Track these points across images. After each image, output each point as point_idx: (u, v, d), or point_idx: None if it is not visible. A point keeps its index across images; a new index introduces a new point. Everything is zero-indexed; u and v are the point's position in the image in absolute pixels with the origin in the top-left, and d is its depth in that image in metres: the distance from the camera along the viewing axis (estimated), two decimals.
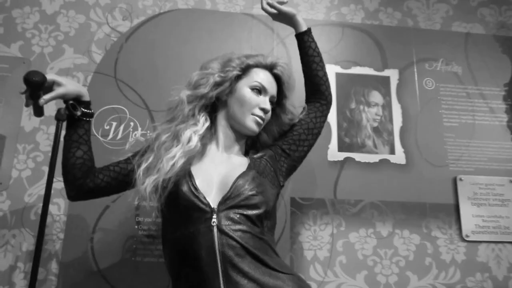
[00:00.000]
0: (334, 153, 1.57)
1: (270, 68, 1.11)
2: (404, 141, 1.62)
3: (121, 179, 1.04)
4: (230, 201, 0.89)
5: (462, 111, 1.68)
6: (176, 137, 0.99)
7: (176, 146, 0.97)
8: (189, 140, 0.98)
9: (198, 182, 0.93)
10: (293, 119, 1.16)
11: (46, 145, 1.47)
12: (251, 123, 1.05)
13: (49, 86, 0.99)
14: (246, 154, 1.11)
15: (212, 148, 1.06)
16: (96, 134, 1.48)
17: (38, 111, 1.01)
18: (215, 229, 0.86)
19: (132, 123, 1.51)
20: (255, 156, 1.07)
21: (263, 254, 0.87)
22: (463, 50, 1.76)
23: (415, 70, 1.71)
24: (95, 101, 1.49)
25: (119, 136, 1.49)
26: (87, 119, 1.07)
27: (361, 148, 1.60)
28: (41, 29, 1.58)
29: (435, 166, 1.60)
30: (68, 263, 1.36)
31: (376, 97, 1.67)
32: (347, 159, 1.57)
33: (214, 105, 1.09)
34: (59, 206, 1.42)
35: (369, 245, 1.51)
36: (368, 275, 1.47)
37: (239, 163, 1.02)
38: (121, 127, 1.50)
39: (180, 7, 1.68)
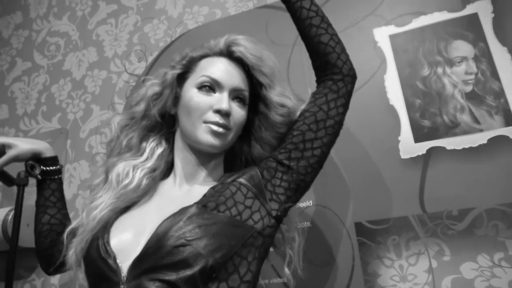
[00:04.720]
0: (409, 147, 1.07)
1: (227, 52, 0.78)
2: None
3: None
4: (145, 261, 0.57)
5: None
6: (106, 178, 0.74)
7: (105, 190, 0.72)
8: (124, 178, 0.72)
9: (120, 237, 0.64)
10: (290, 114, 0.78)
11: None
12: (204, 135, 0.72)
13: (1, 151, 0.90)
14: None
15: (167, 182, 0.77)
16: None
17: (3, 180, 0.93)
18: None
19: None
20: (228, 180, 0.73)
21: None
22: None
23: None
24: None
25: None
26: (54, 177, 0.93)
27: (452, 129, 1.04)
28: (73, 96, 1.60)
29: None
30: None
31: (461, 48, 1.10)
32: (432, 150, 1.04)
33: (166, 125, 0.81)
34: None
35: (501, 280, 0.92)
36: None
37: (199, 195, 0.70)
38: None
39: (190, 28, 1.50)
